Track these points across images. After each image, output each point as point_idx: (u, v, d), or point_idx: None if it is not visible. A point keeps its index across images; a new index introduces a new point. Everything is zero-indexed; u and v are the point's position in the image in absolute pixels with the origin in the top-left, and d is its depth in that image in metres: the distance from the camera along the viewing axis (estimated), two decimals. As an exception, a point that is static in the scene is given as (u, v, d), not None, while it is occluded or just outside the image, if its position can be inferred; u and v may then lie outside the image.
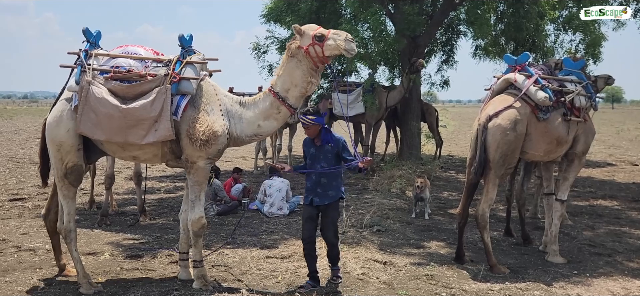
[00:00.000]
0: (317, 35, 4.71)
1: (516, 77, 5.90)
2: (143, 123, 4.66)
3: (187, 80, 4.78)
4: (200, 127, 4.71)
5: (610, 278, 5.56)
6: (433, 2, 13.99)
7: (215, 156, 4.87)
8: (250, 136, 4.98)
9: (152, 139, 4.68)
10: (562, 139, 5.90)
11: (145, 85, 4.75)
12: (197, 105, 4.80)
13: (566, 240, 6.97)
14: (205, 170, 4.85)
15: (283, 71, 4.89)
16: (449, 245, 6.64)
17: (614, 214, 8.70)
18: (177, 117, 4.72)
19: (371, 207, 8.31)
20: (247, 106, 4.97)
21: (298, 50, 4.77)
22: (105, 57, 4.99)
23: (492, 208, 8.33)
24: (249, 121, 4.92)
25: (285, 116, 4.98)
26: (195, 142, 4.69)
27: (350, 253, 6.09)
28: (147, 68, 4.91)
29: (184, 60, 4.89)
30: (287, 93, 4.85)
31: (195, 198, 4.87)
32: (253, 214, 8.33)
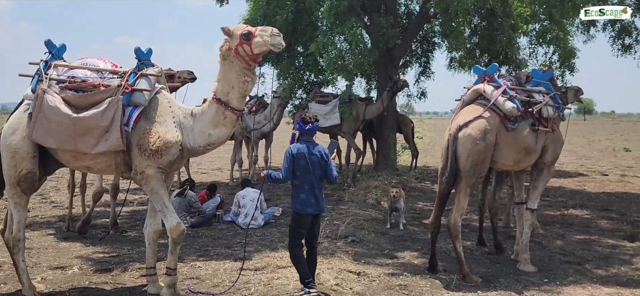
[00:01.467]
0: (244, 34, 4.72)
1: (485, 87, 6.00)
2: (93, 132, 4.68)
3: (140, 92, 4.82)
4: (151, 138, 4.73)
5: (580, 285, 5.65)
6: (408, 14, 14.16)
7: (166, 167, 4.85)
8: (203, 146, 4.97)
9: (103, 148, 4.70)
10: (530, 149, 6.00)
11: (98, 96, 4.80)
12: (150, 117, 4.83)
13: (537, 249, 7.06)
14: (156, 178, 4.81)
15: (220, 76, 4.90)
16: (423, 255, 6.67)
17: (584, 223, 8.85)
18: (129, 128, 4.73)
19: (346, 217, 8.31)
20: (197, 117, 4.97)
21: (229, 51, 4.79)
22: (64, 68, 5.04)
23: (466, 218, 8.46)
24: (200, 131, 4.93)
25: (232, 121, 4.94)
26: (145, 152, 4.71)
27: (324, 264, 6.08)
28: (103, 79, 4.97)
29: (139, 72, 4.93)
30: (228, 97, 4.84)
31: (161, 207, 4.84)
32: (227, 226, 8.27)
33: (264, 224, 8.25)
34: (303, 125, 5.08)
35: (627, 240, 7.64)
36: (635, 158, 21.25)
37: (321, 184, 5.09)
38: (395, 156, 14.12)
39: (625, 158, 21.62)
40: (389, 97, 12.11)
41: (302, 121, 5.10)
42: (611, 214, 9.59)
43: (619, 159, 21.00)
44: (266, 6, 12.09)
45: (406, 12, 14.37)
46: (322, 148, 5.12)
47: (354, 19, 11.31)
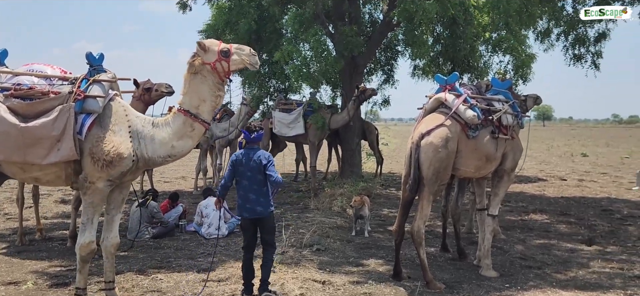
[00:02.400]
0: (223, 51, 4.77)
1: (446, 96, 6.08)
2: (44, 142, 4.47)
3: (93, 99, 4.64)
4: (105, 147, 4.56)
5: (540, 290, 5.76)
6: (372, 23, 14.28)
7: (117, 178, 4.70)
8: (164, 157, 4.85)
9: (55, 159, 4.50)
10: (491, 156, 6.11)
11: (48, 103, 4.58)
12: (104, 125, 4.66)
13: (499, 254, 7.18)
14: (103, 193, 4.67)
15: (188, 88, 4.84)
16: (388, 262, 6.70)
17: (543, 227, 9.06)
18: (82, 136, 4.56)
19: (312, 225, 8.29)
20: (159, 127, 4.84)
21: (203, 66, 4.77)
22: (8, 75, 4.81)
23: (429, 224, 8.54)
24: (162, 142, 4.80)
25: (200, 133, 4.91)
26: (98, 162, 4.54)
27: (289, 274, 6.04)
28: (52, 86, 4.76)
29: (91, 78, 4.75)
30: (198, 110, 4.81)
31: (87, 220, 4.68)
32: (190, 236, 8.13)
33: (228, 233, 8.14)
34: (248, 134, 5.31)
35: (585, 244, 7.85)
36: (592, 163, 21.95)
37: (263, 189, 5.18)
38: (360, 163, 14.18)
39: (583, 163, 22.32)
40: (355, 105, 12.11)
41: (247, 130, 5.39)
42: (569, 218, 9.85)
43: (576, 164, 21.65)
44: (229, 13, 12.01)
45: (370, 20, 14.50)
46: (263, 154, 5.23)
47: (318, 27, 11.33)
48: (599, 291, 5.71)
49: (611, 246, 7.77)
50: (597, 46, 13.11)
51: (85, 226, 4.69)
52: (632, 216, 10.08)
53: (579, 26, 12.98)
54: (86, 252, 4.69)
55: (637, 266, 6.68)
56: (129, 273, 6.12)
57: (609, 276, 6.27)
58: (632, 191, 13.62)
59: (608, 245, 7.80)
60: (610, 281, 6.07)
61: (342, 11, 12.76)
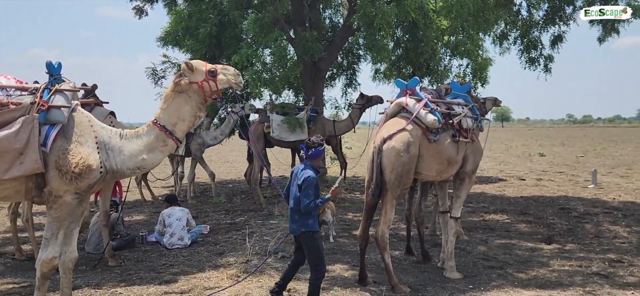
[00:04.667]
0: (211, 71, 4.82)
1: (407, 101, 6.12)
2: (5, 155, 4.24)
3: (57, 109, 4.47)
4: (72, 159, 4.39)
5: (502, 290, 5.84)
6: (332, 28, 14.32)
7: (84, 191, 4.55)
8: (132, 169, 4.75)
9: (17, 173, 4.28)
10: (452, 159, 6.17)
11: (8, 115, 4.35)
12: (69, 136, 4.48)
13: (462, 255, 7.26)
14: (71, 206, 4.52)
15: (168, 106, 4.81)
16: (353, 267, 6.68)
17: (504, 227, 9.22)
18: (46, 148, 4.36)
19: (276, 232, 8.22)
20: (128, 138, 4.74)
21: (190, 85, 4.78)
22: None
23: (394, 228, 8.58)
24: (132, 154, 4.70)
25: (171, 148, 4.89)
26: (66, 175, 4.37)
27: (254, 283, 5.97)
28: (10, 97, 4.52)
29: (53, 88, 4.57)
30: (175, 128, 4.80)
31: (51, 235, 4.50)
32: (152, 247, 7.91)
33: (191, 243, 7.96)
34: (306, 149, 5.22)
35: (544, 242, 8.03)
36: (549, 163, 22.59)
37: (297, 207, 5.10)
38: (324, 168, 14.17)
39: (540, 162, 22.93)
40: (359, 113, 12.06)
41: (306, 146, 5.24)
42: (529, 218, 10.06)
43: (534, 164, 22.22)
44: (188, 19, 11.85)
45: (331, 25, 14.54)
46: (306, 173, 5.09)
47: (279, 32, 11.28)
48: (559, 289, 5.83)
49: (570, 244, 7.98)
50: (552, 50, 13.49)
51: (48, 242, 4.49)
52: (588, 214, 10.38)
53: (533, 30, 13.34)
54: (48, 268, 4.51)
55: (595, 263, 6.86)
56: (86, 288, 5.90)
57: (568, 274, 6.42)
58: (588, 189, 14.05)
59: (566, 243, 8.00)
60: (570, 278, 6.22)
61: (302, 16, 12.76)
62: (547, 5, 12.83)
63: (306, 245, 5.16)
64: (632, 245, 7.84)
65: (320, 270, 5.15)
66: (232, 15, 11.43)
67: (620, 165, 20.72)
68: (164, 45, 12.74)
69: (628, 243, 7.97)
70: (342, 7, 14.42)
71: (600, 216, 10.13)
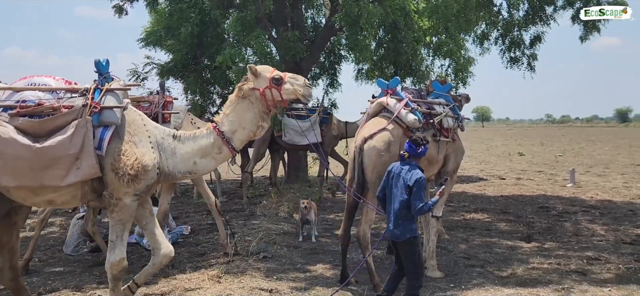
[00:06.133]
0: (275, 78, 4.53)
1: (388, 100, 6.14)
2: (61, 162, 4.08)
3: (110, 110, 4.27)
4: (128, 160, 4.23)
5: (483, 288, 5.89)
6: (315, 27, 14.31)
7: (143, 192, 4.39)
8: (183, 173, 4.55)
9: (75, 179, 4.11)
10: (433, 159, 6.21)
11: (61, 119, 4.18)
12: (123, 136, 4.31)
13: (444, 254, 7.31)
14: (131, 208, 4.36)
15: (232, 111, 4.57)
16: (335, 267, 6.68)
17: (485, 226, 9.31)
18: (102, 151, 4.20)
19: (258, 232, 8.18)
20: (182, 140, 4.54)
21: (252, 91, 4.52)
22: (7, 92, 4.39)
23: (375, 227, 8.60)
24: (184, 157, 4.51)
25: (225, 158, 4.67)
26: (123, 177, 4.21)
27: (235, 283, 5.95)
28: (61, 99, 4.34)
29: (103, 87, 4.38)
30: (233, 135, 4.55)
31: (116, 238, 4.39)
32: (131, 249, 7.80)
33: (172, 244, 7.85)
34: (415, 147, 4.88)
35: (524, 241, 8.12)
36: (529, 162, 22.87)
37: (404, 211, 4.78)
38: (306, 168, 14.16)
39: (520, 162, 23.21)
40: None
41: (414, 142, 4.89)
42: (509, 216, 10.18)
43: (514, 163, 22.48)
44: (170, 18, 11.75)
45: (313, 25, 14.53)
46: (416, 174, 4.76)
47: (261, 31, 11.24)
48: (538, 287, 5.90)
49: (548, 242, 8.08)
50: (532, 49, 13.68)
51: (114, 244, 4.39)
52: (567, 212, 10.53)
53: (515, 30, 13.51)
54: (118, 270, 4.43)
55: (573, 260, 6.96)
56: (64, 290, 5.81)
57: (546, 271, 6.50)
58: (566, 188, 14.26)
59: (545, 242, 8.10)
60: (548, 276, 6.30)
61: (285, 16, 12.73)
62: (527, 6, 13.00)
63: (407, 252, 4.84)
64: (609, 242, 7.98)
65: (420, 278, 4.92)
66: (214, 14, 11.37)
67: (598, 165, 21.08)
68: (146, 45, 12.60)
69: (605, 241, 8.10)
70: (325, 7, 14.40)
71: (579, 214, 10.29)
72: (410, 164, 4.89)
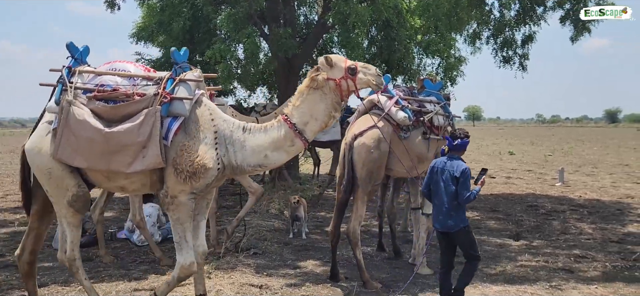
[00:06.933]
0: (351, 68, 4.46)
1: (379, 98, 6.17)
2: (129, 149, 4.07)
3: (180, 101, 4.22)
4: (188, 156, 4.14)
5: (471, 285, 5.89)
6: (307, 24, 14.29)
7: (201, 191, 4.32)
8: (253, 166, 4.43)
9: (140, 167, 4.09)
10: (422, 156, 6.24)
11: (133, 106, 4.17)
12: (189, 131, 4.23)
13: (433, 251, 7.33)
14: (187, 207, 4.26)
15: (302, 102, 4.44)
16: (325, 264, 6.70)
17: (474, 224, 9.35)
18: (168, 142, 4.15)
19: (248, 229, 8.18)
20: (252, 132, 4.42)
21: (326, 82, 4.42)
22: (90, 75, 4.40)
23: (365, 224, 8.64)
24: (255, 149, 4.38)
25: (298, 150, 4.57)
26: (181, 174, 4.13)
27: (225, 279, 5.95)
28: (136, 86, 4.33)
29: (177, 77, 4.34)
30: (305, 127, 4.41)
31: (180, 239, 4.29)
32: (121, 244, 7.80)
33: (162, 240, 7.87)
34: (451, 140, 5.09)
35: (513, 239, 8.20)
36: (519, 161, 23.02)
37: (455, 202, 4.98)
38: (297, 165, 14.16)
39: (510, 161, 23.35)
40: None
41: (451, 136, 5.11)
42: (498, 215, 10.26)
43: (504, 162, 22.62)
44: (161, 13, 11.68)
45: (305, 22, 14.51)
46: (460, 166, 4.99)
47: (252, 27, 11.21)
48: (526, 284, 5.97)
49: (537, 240, 8.16)
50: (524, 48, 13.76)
51: (180, 246, 4.30)
52: (555, 211, 10.62)
53: (506, 29, 13.57)
54: (185, 274, 4.34)
55: (561, 258, 7.03)
56: (53, 285, 5.80)
57: (535, 269, 6.57)
58: (555, 187, 14.38)
59: (534, 240, 8.18)
60: (537, 273, 6.37)
61: (277, 12, 12.69)
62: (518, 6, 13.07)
63: (464, 238, 5.08)
64: (596, 241, 8.07)
65: (478, 258, 5.18)
66: (206, 10, 11.31)
67: (587, 164, 21.27)
68: (137, 41, 12.52)
69: (592, 239, 8.19)
70: (317, 4, 14.39)
71: (567, 213, 10.39)
72: (452, 157, 5.12)
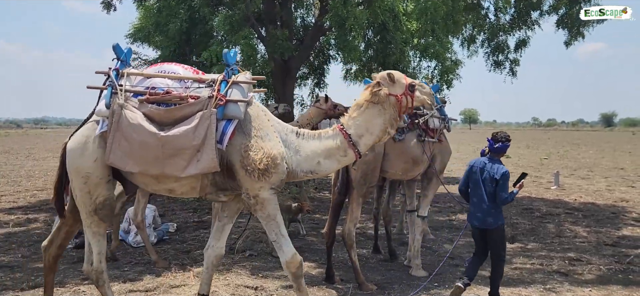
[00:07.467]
0: (411, 85, 4.54)
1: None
2: (184, 153, 4.01)
3: (235, 104, 4.16)
4: (255, 154, 4.12)
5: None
6: (304, 27, 14.32)
7: (278, 186, 4.26)
8: (306, 172, 4.42)
9: (194, 171, 4.02)
10: (417, 159, 6.25)
11: (187, 109, 4.10)
12: (247, 131, 4.20)
13: (428, 254, 7.37)
14: (273, 201, 4.23)
15: (359, 115, 4.46)
16: (321, 265, 6.71)
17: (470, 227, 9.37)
18: (222, 146, 4.10)
19: (244, 230, 8.16)
20: (305, 138, 4.43)
21: (387, 97, 4.44)
22: (138, 77, 4.35)
23: (361, 226, 8.65)
24: (309, 156, 4.38)
25: (349, 161, 4.55)
26: (252, 173, 4.10)
27: (221, 281, 5.94)
28: (188, 89, 4.26)
29: (230, 80, 4.29)
30: (360, 139, 4.45)
31: (277, 236, 4.28)
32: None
33: (157, 241, 7.86)
34: (492, 142, 5.28)
35: (508, 241, 8.17)
36: (514, 164, 23.09)
37: (494, 202, 5.20)
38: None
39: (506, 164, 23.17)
40: None
41: (493, 139, 5.30)
42: (493, 217, 10.25)
43: (500, 165, 22.62)
44: (158, 14, 11.67)
45: (302, 25, 14.54)
46: (500, 168, 5.20)
47: (249, 29, 11.23)
48: (521, 287, 5.98)
49: (532, 243, 8.18)
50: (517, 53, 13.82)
51: (278, 243, 4.30)
52: (550, 214, 10.66)
53: (500, 34, 13.63)
54: (295, 267, 4.32)
55: (556, 261, 7.05)
56: (48, 286, 5.76)
57: (530, 271, 6.59)
58: (551, 190, 14.42)
59: (529, 242, 8.21)
60: (531, 276, 6.39)
61: (274, 15, 12.72)
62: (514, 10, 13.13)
63: (499, 237, 5.30)
64: (591, 244, 8.09)
65: (503, 260, 5.40)
66: (203, 11, 11.31)
67: (582, 168, 21.35)
68: (134, 41, 12.50)
69: (587, 242, 8.22)
70: (314, 7, 14.41)
71: (562, 216, 10.42)
72: (492, 159, 5.32)
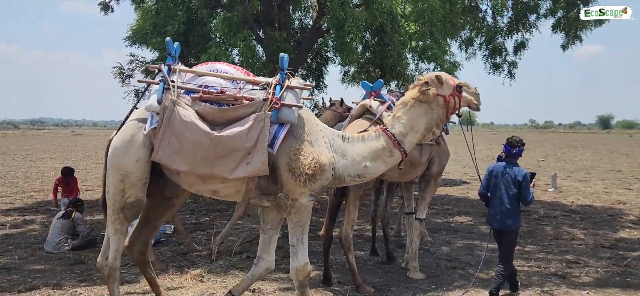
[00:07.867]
0: (459, 85, 4.60)
1: (371, 103, 6.16)
2: (235, 154, 3.97)
3: (289, 108, 4.14)
4: (304, 159, 4.09)
5: (464, 290, 5.95)
6: (302, 29, 14.31)
7: (318, 193, 4.27)
8: (353, 176, 4.42)
9: (243, 174, 3.99)
10: (415, 162, 6.23)
11: (241, 110, 4.07)
12: (298, 136, 4.18)
13: (426, 256, 7.37)
14: (308, 209, 4.26)
15: (404, 114, 4.49)
16: (318, 268, 6.68)
17: (467, 229, 9.40)
18: (273, 150, 4.07)
19: (242, 233, 8.17)
20: (351, 142, 4.43)
21: (435, 98, 4.49)
22: (189, 74, 4.30)
23: (359, 228, 8.64)
24: (355, 159, 4.38)
25: (396, 161, 4.56)
26: (299, 177, 4.07)
27: (218, 283, 5.94)
28: (241, 90, 4.22)
29: (284, 83, 4.26)
30: (404, 138, 4.47)
31: (297, 241, 4.29)
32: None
33: (155, 243, 7.84)
34: (510, 148, 5.44)
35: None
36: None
37: (516, 204, 5.38)
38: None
39: (503, 166, 23.36)
40: None
41: (510, 144, 5.45)
42: (491, 219, 10.26)
43: (497, 167, 22.65)
44: (156, 16, 11.65)
45: (300, 27, 14.53)
46: (520, 171, 5.38)
47: (247, 31, 11.22)
48: (518, 290, 5.98)
49: (529, 245, 8.19)
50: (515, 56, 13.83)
51: (296, 248, 4.30)
52: (548, 216, 10.67)
53: (497, 37, 13.64)
54: (303, 276, 4.32)
55: (553, 264, 7.06)
56: (45, 288, 5.76)
57: (527, 274, 6.59)
58: (548, 192, 14.44)
59: (526, 245, 8.21)
60: (529, 278, 6.39)
61: (272, 17, 12.71)
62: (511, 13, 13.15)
63: (509, 240, 5.45)
64: (588, 246, 8.11)
65: (511, 264, 5.55)
66: (201, 13, 11.30)
67: (579, 170, 21.38)
68: (132, 43, 12.49)
69: (585, 245, 8.23)
70: (312, 9, 14.41)
71: (559, 218, 10.44)
72: (511, 163, 5.47)
